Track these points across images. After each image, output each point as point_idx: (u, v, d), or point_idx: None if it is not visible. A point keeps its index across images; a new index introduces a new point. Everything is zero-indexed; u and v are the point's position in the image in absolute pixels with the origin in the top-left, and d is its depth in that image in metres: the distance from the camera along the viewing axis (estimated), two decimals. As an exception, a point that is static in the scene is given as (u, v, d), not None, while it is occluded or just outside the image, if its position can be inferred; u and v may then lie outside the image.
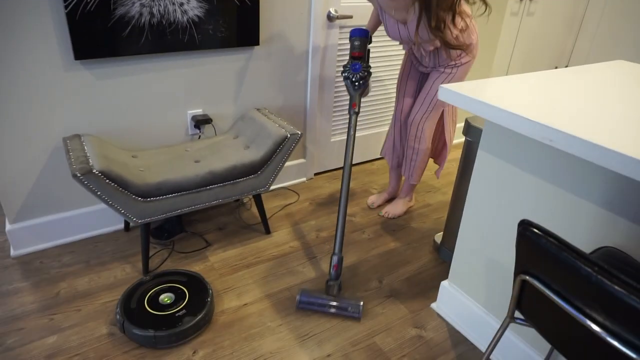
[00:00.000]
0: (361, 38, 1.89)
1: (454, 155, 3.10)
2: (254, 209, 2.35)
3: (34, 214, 1.93)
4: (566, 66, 4.21)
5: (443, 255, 2.07)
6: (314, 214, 2.34)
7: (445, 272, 1.98)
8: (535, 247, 0.80)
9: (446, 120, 2.16)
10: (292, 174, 2.59)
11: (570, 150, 0.98)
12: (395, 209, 2.35)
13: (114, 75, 1.85)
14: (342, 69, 1.99)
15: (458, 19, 1.81)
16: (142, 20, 1.79)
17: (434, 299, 1.82)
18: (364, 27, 1.98)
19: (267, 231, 2.17)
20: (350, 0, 2.34)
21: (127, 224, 2.13)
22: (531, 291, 0.88)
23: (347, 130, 2.67)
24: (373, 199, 2.45)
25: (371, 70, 1.96)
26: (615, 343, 0.71)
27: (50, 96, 1.76)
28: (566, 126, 1.02)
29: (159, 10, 1.81)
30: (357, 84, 1.89)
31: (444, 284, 1.74)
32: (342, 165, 2.82)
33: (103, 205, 2.06)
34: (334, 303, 1.73)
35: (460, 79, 2.00)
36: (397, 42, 2.08)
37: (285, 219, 2.29)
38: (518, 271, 0.88)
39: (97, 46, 1.74)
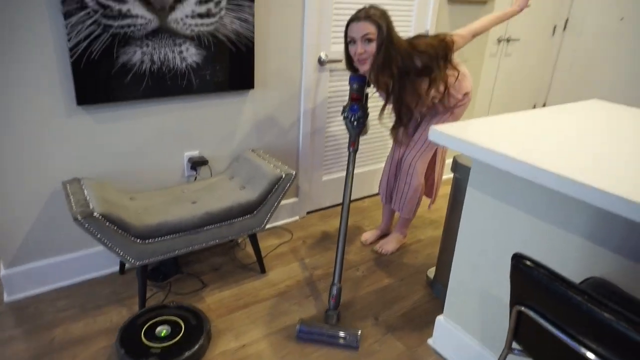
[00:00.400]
0: (359, 82, 1.99)
1: (442, 191, 3.17)
2: (249, 249, 2.37)
3: (30, 258, 1.92)
4: (544, 103, 4.40)
5: (436, 291, 2.10)
6: (308, 253, 2.37)
7: (440, 307, 2.00)
8: (528, 278, 0.85)
9: (438, 158, 2.25)
10: (285, 213, 2.63)
11: (556, 187, 1.05)
12: (389, 244, 2.40)
13: (114, 119, 1.91)
14: (341, 109, 2.09)
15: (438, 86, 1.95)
16: (143, 67, 1.87)
17: (430, 335, 1.84)
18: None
19: (263, 270, 2.19)
20: (340, 46, 2.46)
21: (122, 266, 2.13)
22: (527, 321, 0.92)
23: (346, 166, 2.72)
24: (367, 236, 2.49)
25: (368, 112, 2.06)
26: (609, 369, 0.76)
27: (51, 140, 1.80)
28: (550, 164, 1.09)
29: (159, 57, 1.89)
30: (355, 123, 2.01)
31: (440, 319, 1.76)
32: (334, 203, 2.87)
33: (98, 248, 2.06)
34: (333, 332, 1.77)
35: (457, 119, 2.10)
36: None
37: (280, 258, 2.31)
38: (513, 302, 0.93)
39: (99, 92, 1.81)
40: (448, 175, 3.45)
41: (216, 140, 2.22)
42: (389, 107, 2.00)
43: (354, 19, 1.85)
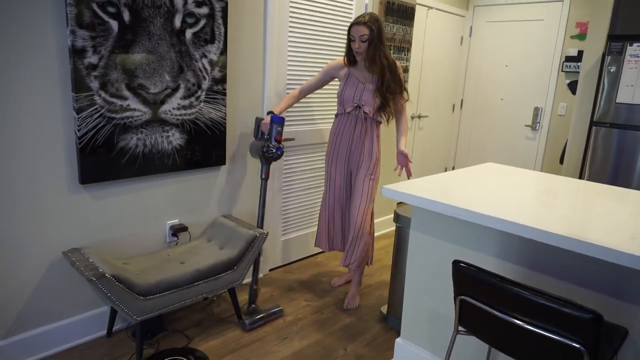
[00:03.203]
0: (282, 124, 2.47)
1: (381, 244, 3.69)
2: (223, 305, 2.64)
3: (24, 328, 2.06)
4: (453, 166, 5.23)
5: (390, 322, 2.52)
6: (277, 303, 2.69)
7: (395, 335, 2.41)
8: (464, 275, 1.32)
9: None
10: (251, 271, 2.94)
11: (473, 220, 1.58)
12: (355, 299, 2.73)
13: (109, 195, 2.20)
14: (266, 148, 2.47)
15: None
16: (137, 150, 2.21)
17: (392, 356, 2.23)
18: (279, 115, 2.53)
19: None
20: (291, 127, 2.99)
21: (109, 329, 2.30)
22: (467, 308, 1.38)
23: (260, 195, 3.13)
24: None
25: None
26: (524, 325, 1.23)
27: (53, 215, 2.04)
28: (468, 206, 1.62)
29: (151, 142, 2.26)
30: (272, 158, 2.49)
31: (398, 340, 2.17)
32: (292, 260, 3.25)
33: (87, 314, 2.24)
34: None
35: (378, 179, 2.66)
36: (349, 105, 2.58)
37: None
38: (456, 295, 1.39)
39: (100, 173, 2.11)
40: (383, 230, 4.00)
41: (193, 209, 2.56)
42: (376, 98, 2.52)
43: (355, 23, 2.42)
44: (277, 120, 2.47)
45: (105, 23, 1.98)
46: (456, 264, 1.34)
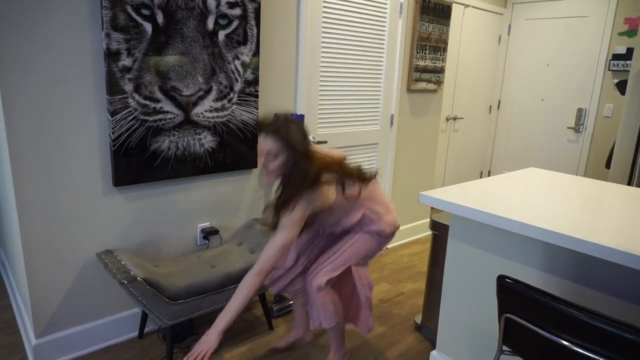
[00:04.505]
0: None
1: (414, 250, 3.59)
2: (254, 311, 2.61)
3: (59, 327, 2.08)
4: (489, 171, 5.05)
5: (425, 333, 2.42)
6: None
7: (429, 347, 2.32)
8: (510, 292, 1.23)
9: (355, 277, 1.99)
10: (281, 275, 2.91)
11: (518, 231, 1.48)
12: None
13: (142, 197, 2.20)
14: None
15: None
16: (170, 153, 2.21)
17: (426, 369, 2.14)
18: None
19: (270, 327, 2.43)
20: (324, 130, 2.93)
21: (141, 331, 2.31)
22: (512, 326, 1.29)
23: None
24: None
25: None
26: (577, 348, 1.13)
27: (88, 217, 2.06)
28: (512, 215, 1.52)
29: (183, 144, 2.24)
30: None
31: (434, 353, 2.08)
32: (322, 265, 3.18)
33: (120, 315, 2.25)
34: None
35: (365, 243, 1.94)
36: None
37: (283, 315, 2.56)
38: (501, 312, 1.29)
39: (133, 175, 2.11)
40: (419, 235, 3.89)
41: (225, 212, 2.54)
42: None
43: (259, 130, 1.69)
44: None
45: (139, 25, 1.98)
46: (501, 279, 1.25)
